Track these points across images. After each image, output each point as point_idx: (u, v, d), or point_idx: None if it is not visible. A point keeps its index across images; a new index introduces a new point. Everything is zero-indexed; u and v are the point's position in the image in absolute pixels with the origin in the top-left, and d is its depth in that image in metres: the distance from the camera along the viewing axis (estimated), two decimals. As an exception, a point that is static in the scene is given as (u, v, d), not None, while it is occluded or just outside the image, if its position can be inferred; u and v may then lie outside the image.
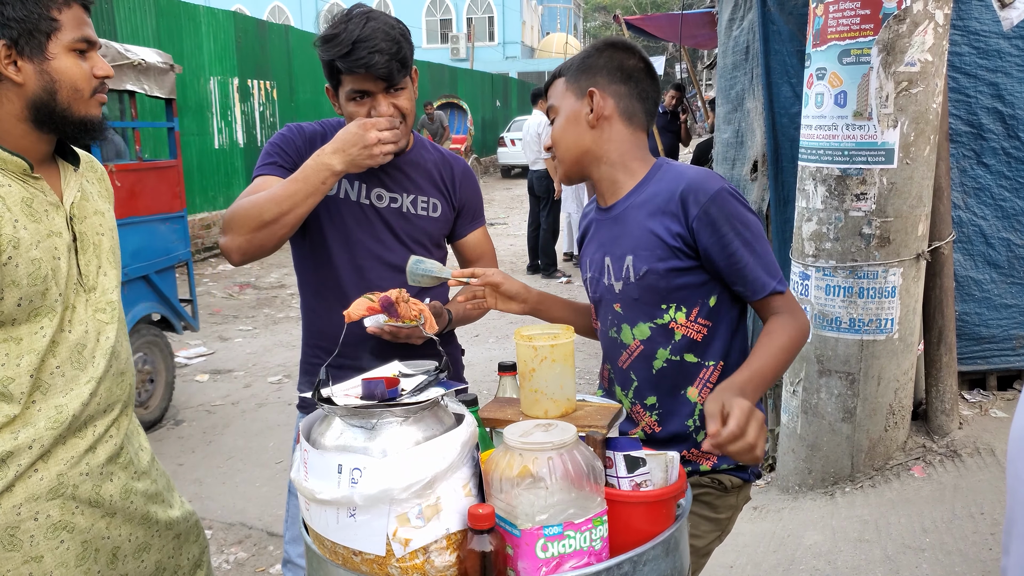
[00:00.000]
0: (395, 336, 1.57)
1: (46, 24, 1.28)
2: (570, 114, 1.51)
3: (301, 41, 11.37)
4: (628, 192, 1.50)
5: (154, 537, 1.53)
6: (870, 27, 2.70)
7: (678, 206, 1.39)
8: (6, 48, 1.26)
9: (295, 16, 32.81)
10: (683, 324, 1.43)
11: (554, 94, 1.55)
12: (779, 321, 1.39)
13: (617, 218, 1.50)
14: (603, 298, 1.52)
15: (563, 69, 1.56)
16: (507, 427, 1.13)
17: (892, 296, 2.86)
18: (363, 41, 1.58)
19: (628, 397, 1.48)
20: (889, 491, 2.88)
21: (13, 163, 1.30)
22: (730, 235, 1.37)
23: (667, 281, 1.41)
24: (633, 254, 1.44)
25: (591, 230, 1.60)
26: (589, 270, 1.56)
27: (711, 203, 1.37)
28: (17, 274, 1.28)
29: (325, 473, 1.07)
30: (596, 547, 1.08)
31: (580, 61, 1.53)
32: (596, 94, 1.48)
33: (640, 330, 1.45)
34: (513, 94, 24.39)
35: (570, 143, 1.51)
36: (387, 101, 1.65)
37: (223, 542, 3.02)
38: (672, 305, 1.43)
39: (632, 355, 1.47)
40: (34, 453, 1.32)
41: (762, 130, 3.71)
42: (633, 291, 1.44)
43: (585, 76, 1.51)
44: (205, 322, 6.23)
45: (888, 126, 2.73)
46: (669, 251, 1.40)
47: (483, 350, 5.25)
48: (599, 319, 1.54)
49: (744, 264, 1.38)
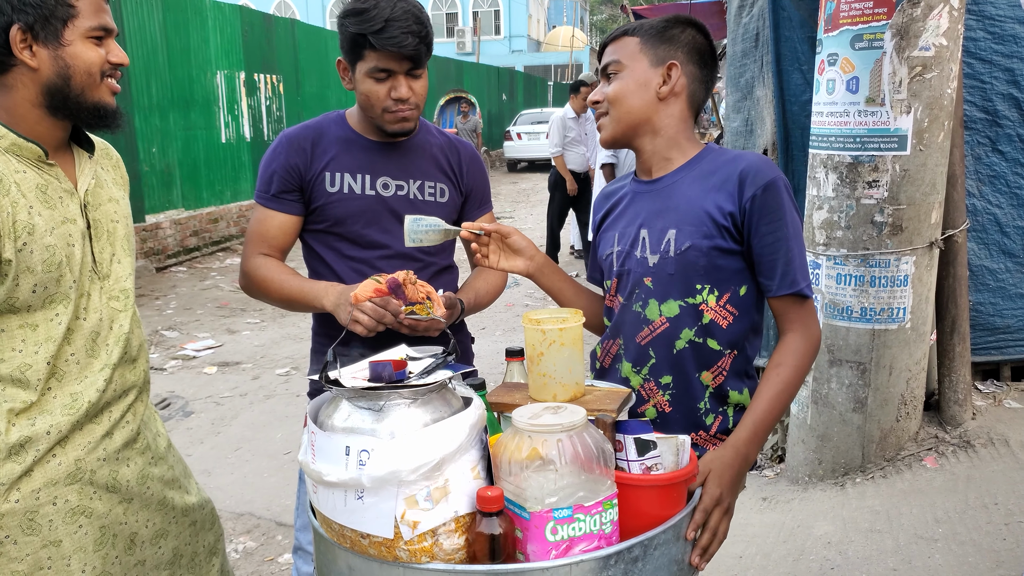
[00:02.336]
0: (413, 329, 1.56)
1: (63, 11, 1.28)
2: (640, 78, 1.45)
3: (307, 35, 11.36)
4: (678, 167, 1.47)
5: (171, 523, 1.53)
6: (883, 11, 2.66)
7: (735, 185, 1.38)
8: (22, 33, 1.26)
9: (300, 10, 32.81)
10: (712, 308, 1.42)
11: (621, 51, 1.47)
12: (789, 346, 1.38)
13: (663, 191, 1.47)
14: (631, 271, 1.48)
15: (635, 30, 1.48)
16: (516, 410, 1.11)
17: (904, 285, 2.82)
18: (396, 20, 1.59)
19: (641, 374, 1.46)
20: (901, 482, 2.85)
21: (28, 149, 1.31)
22: (776, 224, 1.37)
23: (707, 259, 1.39)
24: (677, 228, 1.42)
25: (623, 204, 1.55)
26: (617, 244, 1.51)
27: (768, 188, 1.37)
28: (32, 260, 1.28)
29: (332, 455, 1.06)
30: (606, 531, 1.06)
31: (661, 29, 1.47)
32: (677, 69, 1.44)
33: (669, 307, 1.43)
34: (519, 88, 24.33)
35: (632, 107, 1.46)
36: (407, 83, 1.67)
37: (232, 532, 3.02)
38: (706, 286, 1.41)
39: (655, 332, 1.44)
40: (52, 439, 1.33)
41: (772, 118, 3.67)
42: (670, 266, 1.42)
43: (665, 46, 1.45)
44: (212, 315, 6.24)
45: (901, 112, 2.70)
46: (716, 229, 1.39)
47: (490, 342, 5.24)
48: (620, 292, 1.50)
49: (780, 256, 1.37)
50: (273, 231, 1.76)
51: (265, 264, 1.75)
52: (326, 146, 1.74)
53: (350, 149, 1.74)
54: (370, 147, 1.76)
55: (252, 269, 1.77)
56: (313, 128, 1.77)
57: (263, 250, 1.77)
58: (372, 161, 1.74)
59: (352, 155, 1.74)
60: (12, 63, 1.28)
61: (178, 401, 4.43)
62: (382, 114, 1.68)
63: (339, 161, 1.73)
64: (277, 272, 1.74)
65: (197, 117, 8.92)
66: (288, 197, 1.74)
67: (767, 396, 1.35)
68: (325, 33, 11.98)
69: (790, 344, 1.39)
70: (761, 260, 1.39)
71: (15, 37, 1.26)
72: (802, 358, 1.38)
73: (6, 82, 1.30)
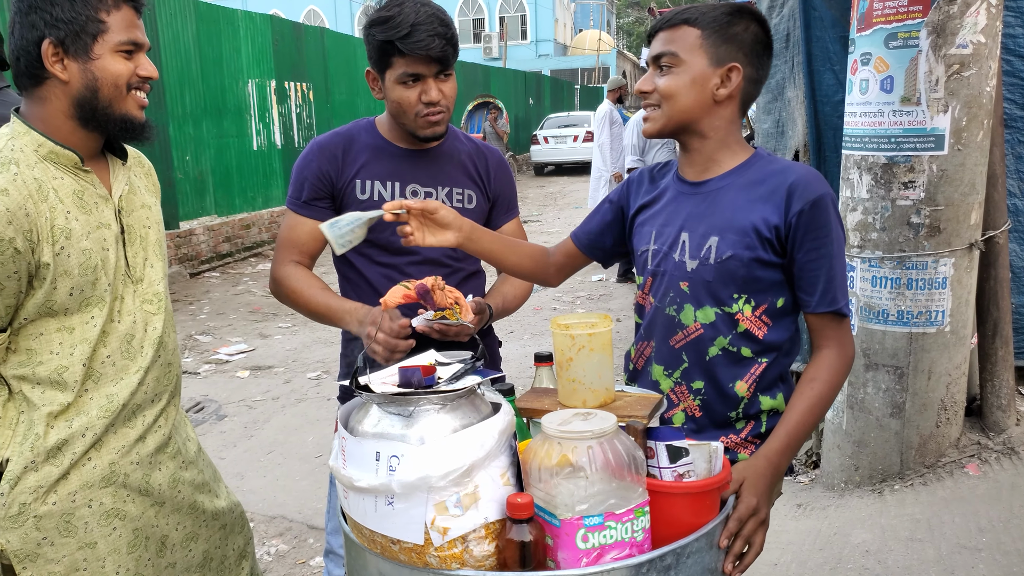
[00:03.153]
0: (444, 335, 1.57)
1: (93, 26, 1.31)
2: (697, 75, 1.38)
3: (336, 43, 11.49)
4: (725, 172, 1.43)
5: (201, 527, 1.55)
6: (918, 9, 2.61)
7: (783, 198, 1.35)
8: (53, 47, 1.30)
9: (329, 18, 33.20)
10: (748, 317, 1.39)
11: (680, 43, 1.38)
12: (824, 361, 1.36)
13: (708, 195, 1.43)
14: (667, 273, 1.44)
15: (696, 19, 1.38)
16: (545, 416, 1.10)
17: (943, 287, 2.76)
18: (421, 24, 1.61)
19: (672, 377, 1.44)
20: (942, 489, 2.78)
21: (65, 156, 1.34)
22: (821, 240, 1.34)
23: (747, 271, 1.37)
24: (719, 235, 1.38)
25: (663, 200, 1.49)
26: (653, 242, 1.47)
27: (816, 204, 1.34)
28: (69, 264, 1.32)
29: (363, 460, 1.06)
30: (638, 538, 1.05)
31: (724, 24, 1.38)
32: (738, 72, 1.38)
33: (705, 313, 1.40)
34: (546, 92, 24.32)
35: (686, 105, 1.39)
36: (436, 86, 1.68)
37: (264, 535, 3.05)
38: (743, 296, 1.39)
39: (688, 336, 1.42)
40: (87, 441, 1.36)
41: (803, 119, 3.62)
42: (708, 272, 1.39)
43: (727, 46, 1.38)
44: (245, 320, 6.32)
45: (938, 111, 2.64)
46: (760, 241, 1.36)
47: (518, 346, 5.23)
48: (653, 293, 1.47)
49: (822, 273, 1.35)
50: (303, 237, 1.78)
51: (295, 274, 1.77)
52: (356, 153, 1.76)
53: (380, 157, 1.76)
54: (400, 154, 1.77)
55: (283, 277, 1.79)
56: (344, 135, 1.79)
57: (294, 257, 1.80)
58: (401, 168, 1.75)
59: (382, 163, 1.75)
60: (45, 76, 1.32)
61: (211, 405, 4.49)
62: (415, 119, 1.69)
63: (369, 168, 1.74)
64: (306, 284, 1.75)
65: (229, 125, 9.06)
66: (319, 204, 1.76)
67: (800, 409, 1.33)
68: (353, 41, 12.11)
69: (825, 359, 1.37)
70: (802, 275, 1.37)
71: (47, 51, 1.29)
72: (836, 374, 1.36)
73: (40, 94, 1.34)
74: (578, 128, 17.81)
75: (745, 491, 1.20)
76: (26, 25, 1.29)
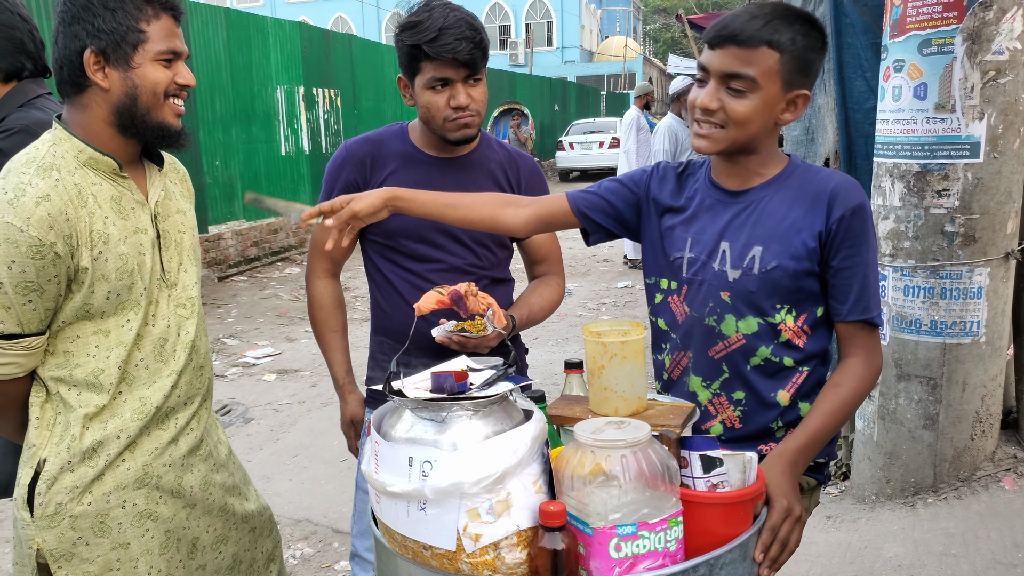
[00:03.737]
0: (463, 346, 1.57)
1: (134, 36, 1.34)
2: (768, 99, 1.33)
3: (364, 50, 11.58)
4: (767, 181, 1.41)
5: (231, 529, 1.56)
6: (953, 15, 2.57)
7: (825, 205, 1.34)
8: (95, 56, 1.32)
9: (357, 25, 33.52)
10: (790, 328, 1.38)
11: (758, 67, 1.30)
12: (851, 369, 1.35)
13: (749, 205, 1.40)
14: (706, 283, 1.41)
15: (780, 43, 1.30)
16: (578, 424, 1.10)
17: (978, 297, 2.71)
18: (449, 28, 1.61)
19: (711, 388, 1.43)
20: (977, 503, 2.73)
21: (104, 162, 1.37)
22: (858, 248, 1.33)
23: (791, 281, 1.35)
24: (764, 246, 1.36)
25: (695, 206, 1.46)
26: (690, 250, 1.43)
27: (855, 212, 1.33)
28: (107, 268, 1.34)
29: (396, 466, 1.06)
30: (671, 548, 1.04)
31: (802, 48, 1.31)
32: (804, 101, 1.36)
33: (747, 324, 1.38)
34: (572, 98, 24.32)
35: (754, 129, 1.35)
36: (465, 91, 1.67)
37: (290, 538, 3.07)
38: (786, 307, 1.37)
39: (730, 347, 1.40)
40: (121, 443, 1.38)
41: (834, 126, 3.58)
42: (752, 283, 1.37)
43: (801, 75, 1.34)
44: (272, 324, 6.39)
45: (973, 118, 2.60)
46: (806, 251, 1.34)
47: (543, 352, 5.22)
48: (689, 303, 1.44)
49: (856, 281, 1.34)
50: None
51: (322, 299, 1.88)
52: (385, 160, 1.77)
53: (409, 165, 1.76)
54: (429, 163, 1.77)
55: (313, 296, 1.89)
56: (374, 142, 1.80)
57: (325, 265, 1.86)
58: (430, 177, 1.75)
59: (410, 171, 1.76)
60: (87, 84, 1.35)
61: (238, 408, 4.54)
62: (443, 124, 1.69)
63: (397, 176, 1.75)
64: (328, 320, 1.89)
65: (258, 131, 9.17)
66: None
67: (822, 411, 1.32)
68: (381, 48, 12.21)
69: (852, 368, 1.35)
70: (836, 283, 1.35)
71: (88, 60, 1.32)
72: (861, 383, 1.35)
73: (82, 101, 1.37)
74: (604, 134, 17.78)
75: (772, 496, 1.19)
76: (69, 35, 1.33)
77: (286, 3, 34.80)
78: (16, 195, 1.26)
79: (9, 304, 1.28)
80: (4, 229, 1.25)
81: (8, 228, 1.25)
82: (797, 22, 1.33)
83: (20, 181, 1.28)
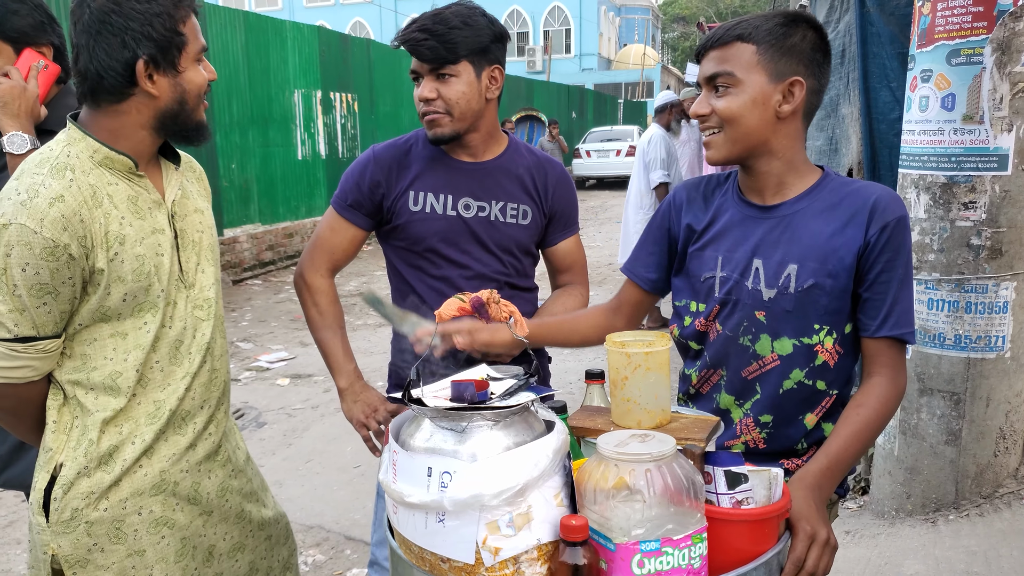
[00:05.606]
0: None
1: (178, 40, 1.32)
2: (758, 95, 1.30)
3: (381, 54, 11.64)
4: (799, 195, 1.36)
5: (248, 537, 1.54)
6: (983, 25, 2.53)
7: (865, 217, 1.30)
8: (145, 65, 1.30)
9: (375, 30, 33.70)
10: (827, 349, 1.34)
11: (735, 62, 1.31)
12: (875, 389, 1.30)
13: (783, 220, 1.35)
14: (740, 302, 1.37)
15: (749, 34, 1.30)
16: (601, 436, 1.07)
17: (1004, 312, 2.66)
18: (418, 19, 1.62)
19: (743, 407, 1.40)
20: (999, 521, 2.67)
21: (120, 162, 1.34)
22: (896, 261, 1.29)
23: (829, 300, 1.31)
24: (799, 263, 1.32)
25: (723, 222, 1.41)
26: (721, 268, 1.39)
27: (896, 225, 1.29)
28: (123, 270, 1.32)
29: (414, 476, 1.04)
30: (695, 565, 1.02)
31: (780, 36, 1.30)
32: (800, 87, 1.31)
33: (782, 344, 1.34)
34: (589, 106, 24.32)
35: (750, 127, 1.32)
36: (431, 85, 1.65)
37: (302, 544, 3.06)
38: (825, 327, 1.33)
39: (764, 367, 1.36)
40: (137, 448, 1.36)
41: (858, 136, 3.54)
42: (788, 302, 1.33)
43: (787, 59, 1.30)
44: (286, 328, 6.40)
45: (1002, 130, 2.55)
46: (844, 268, 1.30)
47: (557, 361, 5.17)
48: (722, 322, 1.40)
49: (891, 295, 1.30)
50: (343, 243, 1.81)
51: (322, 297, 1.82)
52: (411, 164, 1.75)
53: (434, 168, 1.75)
54: (455, 166, 1.75)
55: (312, 290, 1.82)
56: (401, 147, 1.79)
57: (326, 263, 1.82)
58: (455, 181, 1.73)
59: (436, 175, 1.74)
60: (132, 92, 1.32)
61: (251, 412, 4.54)
62: (422, 119, 1.69)
63: (423, 180, 1.74)
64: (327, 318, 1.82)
65: (275, 134, 9.22)
66: (361, 211, 1.77)
67: (845, 434, 1.27)
68: (399, 52, 12.25)
69: (876, 388, 1.30)
70: (868, 296, 1.31)
71: (140, 70, 1.29)
72: (886, 404, 1.30)
73: (120, 108, 1.33)
74: (621, 142, 17.75)
75: (794, 520, 1.15)
76: (114, 45, 1.28)
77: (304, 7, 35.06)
78: (29, 196, 1.24)
79: (23, 307, 1.26)
80: (17, 231, 1.22)
81: (21, 230, 1.22)
82: (776, 16, 1.33)
83: (33, 182, 1.26)
